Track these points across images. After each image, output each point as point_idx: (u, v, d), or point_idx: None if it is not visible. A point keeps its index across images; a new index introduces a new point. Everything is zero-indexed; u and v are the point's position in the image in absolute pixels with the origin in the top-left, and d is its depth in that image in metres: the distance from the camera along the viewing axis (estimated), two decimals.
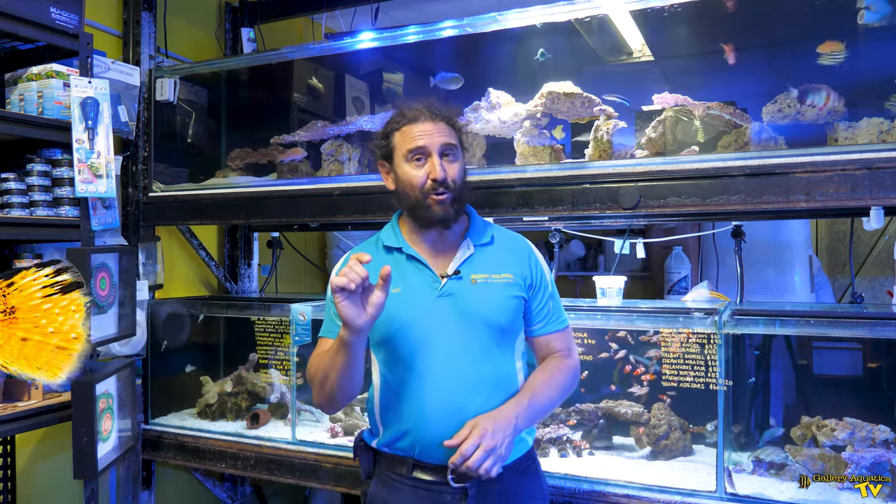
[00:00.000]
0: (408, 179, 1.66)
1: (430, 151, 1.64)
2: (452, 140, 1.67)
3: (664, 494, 2.07)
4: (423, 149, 1.64)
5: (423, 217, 1.66)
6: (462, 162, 1.71)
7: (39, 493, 2.65)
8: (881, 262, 4.01)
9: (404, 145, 1.66)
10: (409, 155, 1.65)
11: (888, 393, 2.24)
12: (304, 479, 2.59)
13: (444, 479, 1.60)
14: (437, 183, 1.62)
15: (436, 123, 1.66)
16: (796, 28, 2.37)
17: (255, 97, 3.36)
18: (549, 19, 2.35)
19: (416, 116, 1.67)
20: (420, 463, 1.63)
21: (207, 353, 3.34)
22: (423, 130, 1.65)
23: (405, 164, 1.66)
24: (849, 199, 1.86)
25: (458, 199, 1.66)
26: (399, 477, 1.66)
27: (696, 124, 2.23)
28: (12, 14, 2.03)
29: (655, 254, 4.19)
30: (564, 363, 1.75)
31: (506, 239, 1.78)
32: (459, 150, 1.70)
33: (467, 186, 1.72)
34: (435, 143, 1.64)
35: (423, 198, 1.64)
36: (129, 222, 2.96)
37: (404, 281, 1.66)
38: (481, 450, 1.48)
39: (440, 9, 3.68)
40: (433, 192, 1.63)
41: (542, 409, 1.69)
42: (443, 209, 1.63)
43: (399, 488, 1.65)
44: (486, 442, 1.49)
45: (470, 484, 1.61)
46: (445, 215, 1.64)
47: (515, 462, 1.68)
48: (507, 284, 1.68)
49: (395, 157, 1.69)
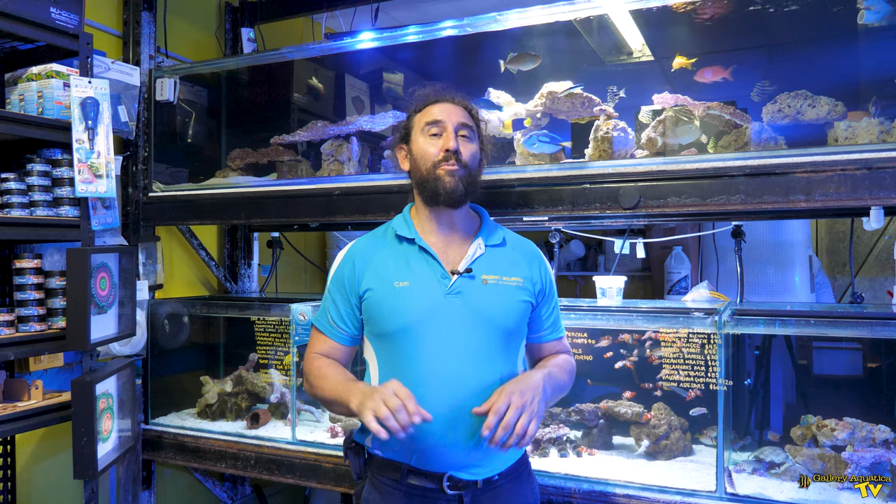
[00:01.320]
0: (421, 152, 1.67)
1: (445, 126, 1.66)
2: (470, 123, 1.70)
3: (664, 494, 2.07)
4: (440, 123, 1.66)
5: (432, 190, 1.65)
6: (478, 147, 1.72)
7: (39, 493, 2.65)
8: (881, 262, 4.02)
9: (423, 119, 1.69)
10: (426, 128, 1.68)
11: (888, 393, 2.24)
12: (304, 479, 2.59)
13: (440, 486, 1.58)
14: (450, 153, 1.63)
15: (456, 105, 1.70)
16: (796, 28, 2.37)
17: (255, 97, 3.36)
18: (549, 19, 2.35)
19: (436, 98, 1.71)
20: (415, 469, 1.60)
21: (207, 353, 3.35)
22: (443, 108, 1.69)
23: (421, 137, 1.69)
24: (849, 199, 1.86)
25: (469, 179, 1.66)
26: (393, 482, 1.62)
27: (696, 124, 2.22)
28: (12, 14, 2.03)
29: (655, 254, 4.19)
30: (566, 358, 1.77)
31: (517, 243, 1.77)
32: (476, 136, 1.72)
33: (479, 177, 1.73)
34: (452, 120, 1.67)
35: (434, 168, 1.64)
36: (129, 222, 2.96)
37: (413, 274, 1.63)
38: (514, 407, 1.42)
39: (440, 9, 3.68)
40: (445, 163, 1.63)
41: (558, 385, 1.66)
42: (452, 181, 1.63)
43: (393, 494, 1.62)
44: (515, 400, 1.43)
45: (466, 491, 1.59)
46: (454, 189, 1.63)
47: (510, 469, 1.66)
48: (518, 288, 1.66)
49: (413, 134, 1.71)
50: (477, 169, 1.71)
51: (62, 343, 2.21)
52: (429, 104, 1.71)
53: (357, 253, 1.72)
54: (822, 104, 2.07)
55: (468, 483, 1.59)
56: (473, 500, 1.60)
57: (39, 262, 2.24)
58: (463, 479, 1.59)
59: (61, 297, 2.24)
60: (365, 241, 1.76)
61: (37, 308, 2.20)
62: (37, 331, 2.18)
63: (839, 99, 2.07)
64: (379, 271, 1.66)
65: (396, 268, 1.65)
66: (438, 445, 1.55)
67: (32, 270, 2.21)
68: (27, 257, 2.21)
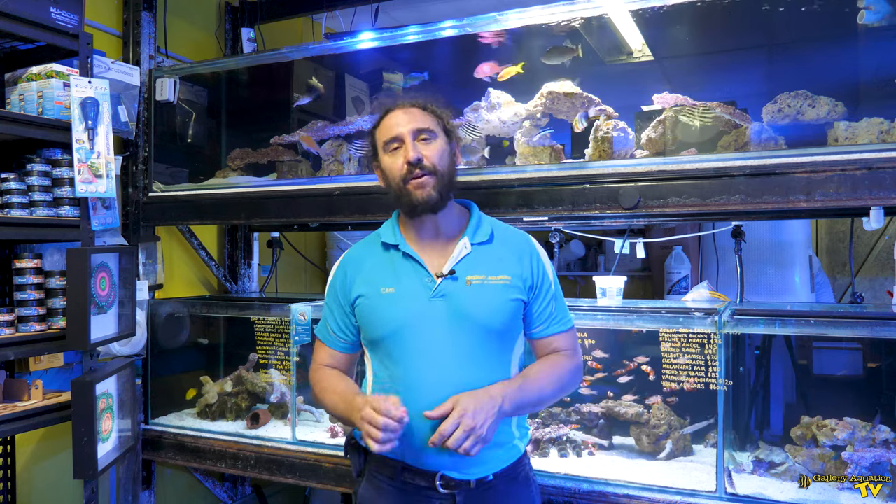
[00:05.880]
0: (388, 170, 1.68)
1: (403, 138, 1.65)
2: (426, 124, 1.67)
3: (664, 494, 2.06)
4: (397, 137, 1.65)
5: (407, 205, 1.65)
6: (443, 144, 1.68)
7: (39, 493, 2.65)
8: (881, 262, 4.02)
9: (381, 138, 1.69)
10: (386, 146, 1.67)
11: (888, 393, 2.24)
12: (304, 479, 2.59)
13: (433, 485, 1.59)
14: (412, 165, 1.61)
15: (407, 111, 1.68)
16: (796, 28, 2.37)
17: (255, 97, 3.36)
18: (549, 19, 2.35)
19: (388, 108, 1.70)
20: (409, 467, 1.61)
21: (207, 353, 3.35)
22: (394, 118, 1.67)
23: (385, 156, 1.68)
24: (849, 199, 1.86)
25: (441, 181, 1.64)
26: (388, 480, 1.64)
27: (696, 124, 2.22)
28: (12, 14, 2.03)
29: (655, 254, 4.19)
30: (566, 359, 1.71)
31: (507, 237, 1.74)
32: (438, 133, 1.68)
33: (454, 172, 1.70)
34: (407, 130, 1.65)
35: (404, 184, 1.64)
36: (129, 222, 2.96)
37: (398, 281, 1.65)
38: (461, 430, 1.44)
39: (440, 9, 3.68)
40: (411, 177, 1.62)
41: (533, 398, 1.62)
42: (423, 193, 1.62)
43: (387, 491, 1.63)
44: (465, 422, 1.45)
45: (458, 491, 1.59)
46: (427, 199, 1.62)
47: (506, 469, 1.65)
48: (505, 286, 1.64)
49: (379, 153, 1.71)
50: (448, 166, 1.67)
51: (62, 343, 2.21)
52: (383, 117, 1.70)
53: (349, 262, 1.75)
54: (822, 104, 2.07)
55: (460, 482, 1.60)
56: (467, 500, 1.60)
57: (39, 262, 2.24)
58: (455, 479, 1.59)
59: (61, 297, 2.24)
60: (356, 249, 1.78)
61: (37, 308, 2.20)
62: (37, 331, 2.18)
63: (839, 99, 2.07)
64: (367, 279, 1.68)
65: (383, 275, 1.67)
66: (428, 445, 1.54)
67: (32, 270, 2.21)
68: (27, 257, 2.21)
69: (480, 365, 1.60)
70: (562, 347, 1.74)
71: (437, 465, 1.59)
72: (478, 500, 1.61)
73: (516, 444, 1.68)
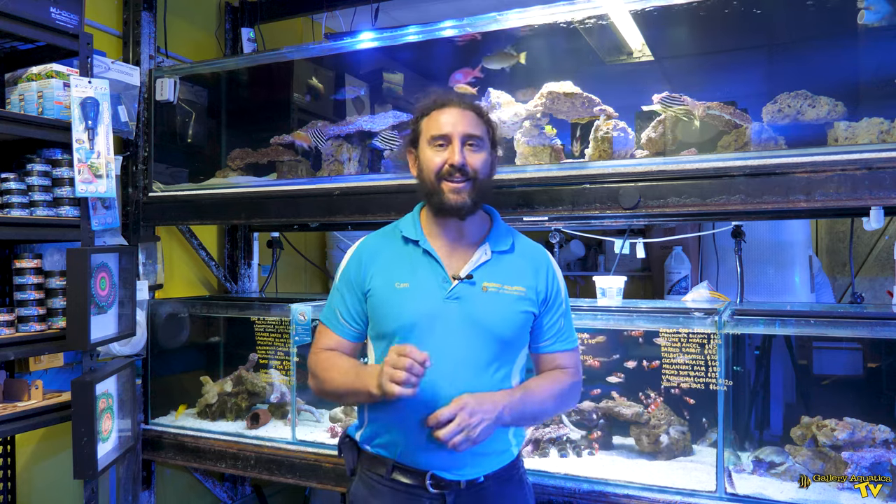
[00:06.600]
0: (427, 163, 1.66)
1: (451, 138, 1.63)
2: (478, 131, 1.66)
3: (664, 494, 2.06)
4: (446, 136, 1.64)
5: (437, 204, 1.64)
6: (488, 155, 1.68)
7: (39, 493, 2.65)
8: (881, 262, 4.02)
9: (429, 130, 1.67)
10: (432, 140, 1.65)
11: (888, 393, 2.24)
12: (304, 479, 2.59)
13: (423, 484, 1.59)
14: (454, 168, 1.61)
15: (463, 111, 1.66)
16: (796, 28, 2.37)
17: (255, 97, 3.36)
18: (549, 19, 2.34)
19: (444, 103, 1.67)
20: (400, 465, 1.61)
21: (207, 353, 3.35)
22: (448, 116, 1.65)
23: (427, 148, 1.67)
24: (849, 199, 1.86)
25: (477, 190, 1.64)
26: (379, 478, 1.64)
27: (696, 124, 2.22)
28: (12, 14, 2.03)
29: (655, 254, 4.19)
30: (567, 376, 1.72)
31: (526, 249, 1.74)
32: (486, 142, 1.68)
33: (490, 182, 1.70)
34: (458, 131, 1.63)
35: (438, 182, 1.63)
36: (129, 222, 2.96)
37: (414, 276, 1.64)
38: (455, 423, 1.46)
39: (440, 9, 3.68)
40: (448, 178, 1.62)
41: (533, 411, 1.64)
42: (457, 197, 1.61)
43: (379, 490, 1.64)
44: (462, 416, 1.47)
45: (448, 491, 1.60)
46: (460, 204, 1.62)
47: (498, 471, 1.65)
48: (519, 297, 1.65)
49: (420, 141, 1.69)
50: (488, 175, 1.68)
51: (62, 343, 2.21)
52: (436, 109, 1.67)
53: (365, 250, 1.73)
54: (822, 104, 2.07)
55: (451, 483, 1.60)
56: (457, 500, 1.60)
57: (39, 262, 2.24)
58: (445, 479, 1.60)
59: (61, 297, 2.24)
60: (373, 238, 1.76)
61: (37, 308, 2.20)
62: (37, 331, 2.18)
63: (839, 99, 2.07)
64: (383, 270, 1.67)
65: (399, 268, 1.66)
66: (422, 444, 1.56)
67: (32, 270, 2.21)
68: (27, 257, 2.21)
69: (484, 371, 1.60)
70: (564, 365, 1.74)
71: (428, 465, 1.59)
72: (468, 501, 1.61)
73: (510, 449, 1.69)
